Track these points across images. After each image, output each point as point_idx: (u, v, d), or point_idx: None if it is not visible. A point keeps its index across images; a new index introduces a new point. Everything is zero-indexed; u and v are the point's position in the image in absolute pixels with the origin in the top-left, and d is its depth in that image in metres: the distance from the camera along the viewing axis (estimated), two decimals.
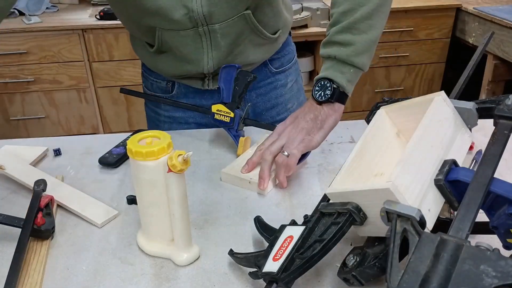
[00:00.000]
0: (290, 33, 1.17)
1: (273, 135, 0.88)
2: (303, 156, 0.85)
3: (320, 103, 0.86)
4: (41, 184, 0.79)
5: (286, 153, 0.83)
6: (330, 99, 0.85)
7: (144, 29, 0.98)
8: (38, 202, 0.74)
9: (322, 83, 0.86)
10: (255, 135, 1.02)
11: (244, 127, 0.99)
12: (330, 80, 0.85)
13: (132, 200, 0.82)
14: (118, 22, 2.26)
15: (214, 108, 0.98)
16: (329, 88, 0.85)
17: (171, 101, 1.10)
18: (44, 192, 0.79)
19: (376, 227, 0.61)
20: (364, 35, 0.85)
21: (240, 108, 0.97)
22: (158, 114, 1.16)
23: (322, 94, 0.86)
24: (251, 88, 1.09)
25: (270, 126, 0.97)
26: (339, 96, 0.86)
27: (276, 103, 1.16)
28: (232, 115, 0.96)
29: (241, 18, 0.96)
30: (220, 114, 0.98)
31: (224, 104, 0.97)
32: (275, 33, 1.06)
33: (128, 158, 0.83)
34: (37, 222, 0.71)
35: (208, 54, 0.99)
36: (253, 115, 1.14)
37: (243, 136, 0.97)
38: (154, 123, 1.18)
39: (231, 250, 0.68)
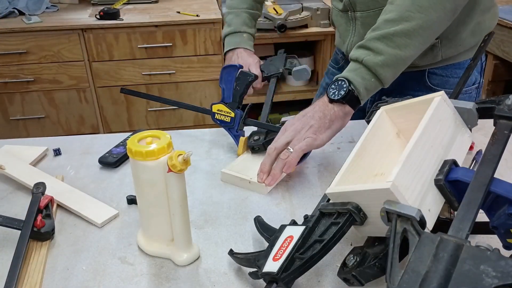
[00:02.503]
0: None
1: (281, 131, 0.87)
2: (304, 155, 0.85)
3: (331, 101, 0.85)
4: (40, 187, 0.79)
5: (291, 150, 0.82)
6: (342, 100, 0.84)
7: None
8: (37, 205, 0.74)
9: (340, 82, 0.85)
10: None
11: (245, 127, 0.99)
12: (349, 82, 0.84)
13: (132, 200, 0.82)
14: (118, 22, 2.27)
15: (215, 108, 0.98)
16: (345, 89, 0.84)
17: (171, 101, 1.11)
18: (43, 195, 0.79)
19: (376, 227, 0.61)
20: (397, 50, 0.84)
21: (240, 108, 0.97)
22: (323, 82, 1.29)
23: (336, 93, 0.84)
24: (398, 92, 0.98)
25: (270, 126, 0.97)
26: (351, 99, 0.84)
27: None
28: (232, 115, 0.96)
29: (381, 12, 0.95)
30: (221, 114, 0.98)
31: (225, 104, 0.97)
32: None
33: (128, 158, 0.83)
34: (37, 225, 0.71)
35: (350, 37, 1.07)
36: None
37: (244, 136, 0.97)
38: None
39: (231, 250, 0.68)
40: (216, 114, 0.98)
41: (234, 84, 0.97)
